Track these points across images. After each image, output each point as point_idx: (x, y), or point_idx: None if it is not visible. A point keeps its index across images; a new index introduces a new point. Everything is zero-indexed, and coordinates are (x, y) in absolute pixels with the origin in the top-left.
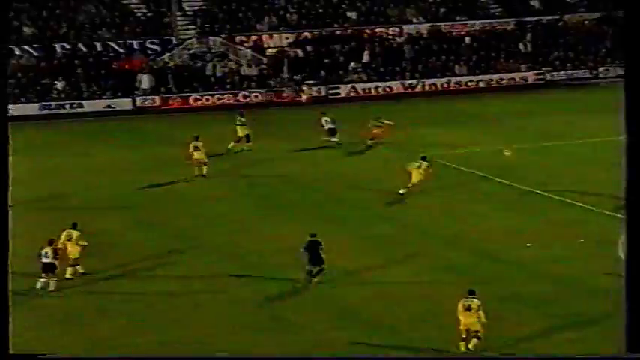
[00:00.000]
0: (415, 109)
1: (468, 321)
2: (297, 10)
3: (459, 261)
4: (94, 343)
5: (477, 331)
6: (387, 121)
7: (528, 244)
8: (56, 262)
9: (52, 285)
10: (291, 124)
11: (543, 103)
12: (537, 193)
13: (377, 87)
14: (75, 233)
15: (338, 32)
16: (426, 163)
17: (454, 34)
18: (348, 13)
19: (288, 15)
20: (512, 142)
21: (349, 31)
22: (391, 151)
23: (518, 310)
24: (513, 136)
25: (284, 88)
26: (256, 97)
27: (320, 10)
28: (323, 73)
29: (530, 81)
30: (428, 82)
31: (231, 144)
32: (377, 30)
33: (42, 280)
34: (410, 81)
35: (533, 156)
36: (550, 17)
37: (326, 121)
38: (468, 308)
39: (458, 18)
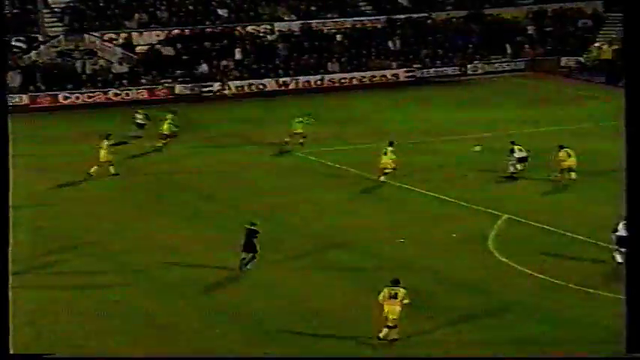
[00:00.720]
0: (289, 106)
1: (390, 309)
2: (168, 7)
3: (336, 258)
4: None
5: (394, 321)
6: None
7: (402, 240)
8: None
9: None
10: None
11: (415, 100)
12: (410, 189)
13: (250, 85)
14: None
15: (209, 30)
16: (390, 148)
17: (325, 31)
18: (219, 11)
19: (158, 12)
20: (386, 139)
21: (220, 28)
22: (260, 148)
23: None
24: (386, 132)
25: (158, 86)
26: (127, 95)
27: (190, 8)
28: (196, 70)
29: (401, 78)
30: (302, 79)
31: (160, 142)
32: (248, 28)
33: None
34: (283, 79)
35: (406, 152)
36: (419, 15)
37: (139, 117)
38: (394, 296)
39: (329, 15)
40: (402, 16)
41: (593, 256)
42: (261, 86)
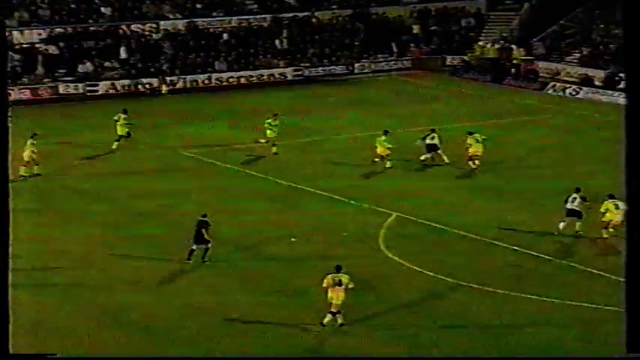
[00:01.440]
0: (176, 105)
1: (335, 295)
2: (49, 5)
3: (224, 257)
4: None
5: (338, 306)
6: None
7: (293, 239)
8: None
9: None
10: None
11: (302, 99)
12: (300, 188)
13: (136, 84)
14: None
15: (92, 28)
16: (383, 137)
17: (212, 30)
18: (102, 9)
19: (39, 10)
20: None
21: (104, 27)
22: (151, 151)
23: (287, 304)
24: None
25: (40, 86)
26: (9, 94)
27: (73, 6)
28: (80, 69)
29: (289, 77)
30: (189, 78)
31: (115, 144)
32: (133, 26)
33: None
34: (170, 78)
35: (293, 151)
36: (304, 13)
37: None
38: (339, 283)
39: (215, 14)
40: (288, 15)
41: (485, 253)
42: (147, 85)
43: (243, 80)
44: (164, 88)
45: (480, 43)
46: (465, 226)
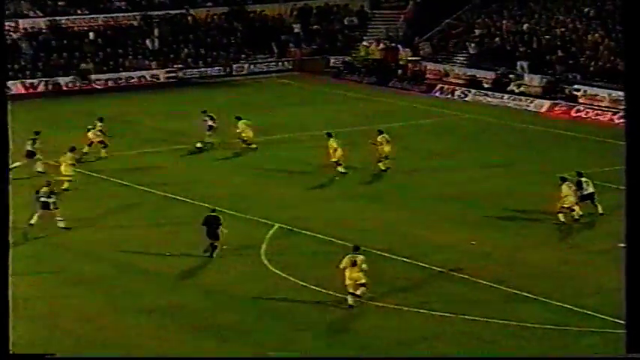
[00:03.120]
0: (39, 110)
1: (354, 275)
2: None
3: (96, 273)
4: None
5: (363, 283)
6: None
7: (168, 254)
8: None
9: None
10: None
11: (178, 103)
12: (175, 198)
13: None
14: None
15: None
16: (332, 139)
17: (76, 29)
18: None
19: None
20: (151, 146)
21: None
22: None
23: (160, 323)
24: (151, 138)
25: None
26: None
27: None
28: None
29: (162, 79)
30: (52, 80)
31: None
32: None
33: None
34: (31, 80)
35: (174, 159)
36: (177, 11)
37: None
38: (354, 263)
39: (79, 12)
40: (160, 13)
41: (373, 265)
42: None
43: (111, 83)
44: None
45: (365, 43)
46: (347, 236)
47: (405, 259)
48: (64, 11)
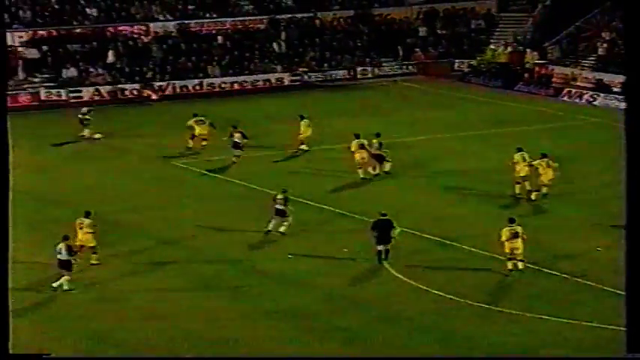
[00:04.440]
0: (167, 113)
1: (514, 245)
2: (31, 6)
3: (222, 274)
4: None
5: (521, 254)
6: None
7: (290, 256)
8: (72, 260)
9: (65, 283)
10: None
11: (301, 106)
12: (302, 203)
13: (123, 90)
14: (86, 221)
15: (77, 30)
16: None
17: (204, 32)
18: (88, 10)
19: (21, 12)
20: (273, 149)
21: (90, 29)
22: (141, 162)
23: (285, 325)
24: (272, 141)
25: (20, 92)
26: None
27: (56, 7)
28: (65, 74)
29: (286, 82)
30: (179, 84)
31: None
32: (121, 28)
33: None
34: (160, 83)
35: (298, 162)
36: (304, 15)
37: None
38: (515, 235)
39: (208, 15)
40: (287, 16)
41: (490, 269)
42: (135, 92)
43: (236, 86)
44: (153, 95)
45: (492, 46)
46: (472, 242)
47: (530, 266)
48: (194, 15)
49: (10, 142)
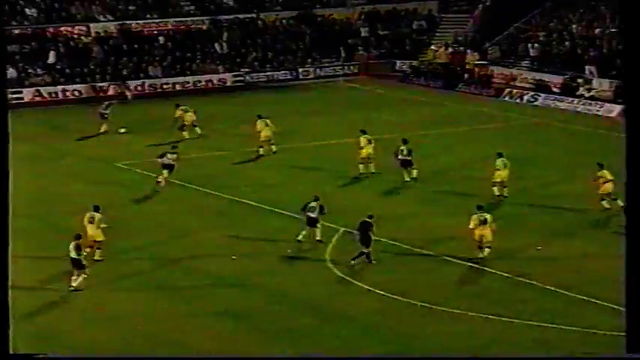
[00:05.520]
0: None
1: (483, 232)
2: None
3: (167, 278)
4: None
5: (489, 242)
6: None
7: (233, 257)
8: (82, 259)
9: (76, 282)
10: None
11: (244, 107)
12: (242, 202)
13: (64, 90)
14: (97, 216)
15: (17, 31)
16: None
17: (146, 33)
18: (28, 11)
19: None
20: (214, 148)
21: (29, 29)
22: (81, 164)
23: (233, 326)
24: (216, 142)
25: None
26: None
27: None
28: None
29: (228, 83)
30: (121, 84)
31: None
32: (61, 28)
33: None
34: (100, 84)
35: (238, 163)
36: (246, 15)
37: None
38: (484, 222)
39: (149, 16)
40: (228, 17)
41: (441, 270)
42: (76, 92)
43: (178, 87)
44: (128, 94)
45: (432, 47)
46: (416, 241)
47: (470, 265)
48: (135, 15)
49: None
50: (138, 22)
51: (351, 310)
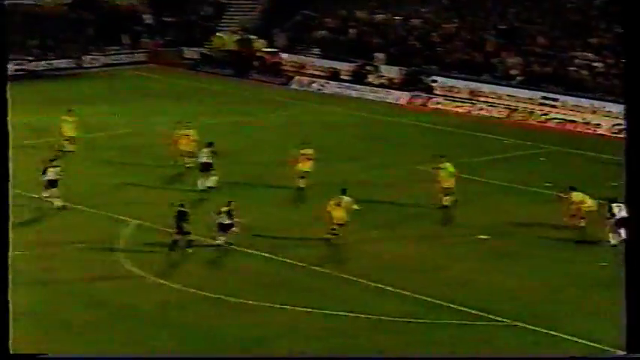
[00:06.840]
0: None
1: (337, 215)
2: None
3: None
4: None
5: (342, 224)
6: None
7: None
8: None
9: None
10: None
11: (26, 97)
12: (26, 196)
13: None
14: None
15: None
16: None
17: None
18: None
19: None
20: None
21: None
22: None
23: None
24: None
25: None
26: None
27: None
28: None
29: (9, 72)
30: None
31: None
32: None
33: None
34: None
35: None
36: (23, 2)
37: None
38: (339, 204)
39: None
40: (6, 3)
41: (236, 261)
42: None
43: None
44: None
45: (219, 34)
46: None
47: (266, 255)
48: None
49: None
50: None
51: (144, 304)
